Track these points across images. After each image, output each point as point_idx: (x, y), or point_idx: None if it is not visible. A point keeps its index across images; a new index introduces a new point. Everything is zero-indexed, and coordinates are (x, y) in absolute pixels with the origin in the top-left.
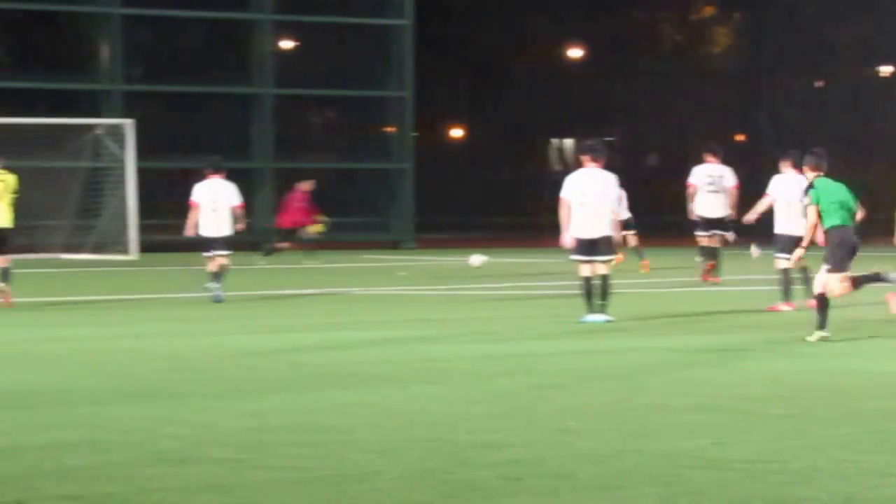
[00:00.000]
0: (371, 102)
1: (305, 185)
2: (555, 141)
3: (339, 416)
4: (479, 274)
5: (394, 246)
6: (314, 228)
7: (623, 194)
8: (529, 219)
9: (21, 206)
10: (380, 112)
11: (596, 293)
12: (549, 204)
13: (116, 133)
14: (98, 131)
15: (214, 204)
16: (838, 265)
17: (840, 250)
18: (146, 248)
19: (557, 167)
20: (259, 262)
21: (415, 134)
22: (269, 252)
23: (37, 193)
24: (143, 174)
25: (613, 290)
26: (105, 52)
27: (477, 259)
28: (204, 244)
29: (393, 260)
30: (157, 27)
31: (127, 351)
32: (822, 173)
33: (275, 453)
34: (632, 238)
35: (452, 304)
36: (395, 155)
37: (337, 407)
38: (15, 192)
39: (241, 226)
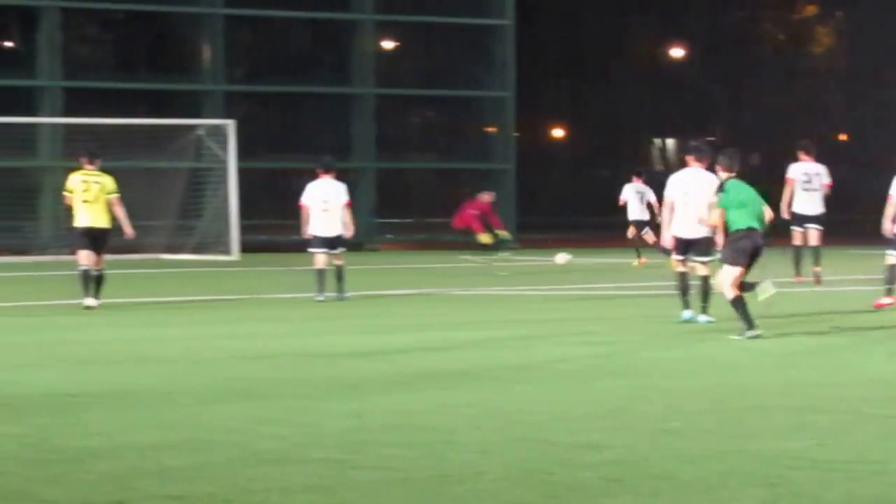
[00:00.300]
0: (472, 102)
1: (487, 197)
2: (657, 140)
3: (439, 417)
4: (580, 274)
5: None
6: (484, 238)
7: (649, 193)
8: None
9: (124, 207)
10: (481, 112)
11: (691, 292)
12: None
13: (218, 133)
14: (200, 132)
15: (325, 204)
16: (734, 263)
17: (739, 252)
18: (247, 248)
19: (659, 166)
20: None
21: (516, 134)
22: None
23: (139, 194)
24: (244, 174)
25: (714, 291)
26: (207, 52)
27: (562, 257)
28: (313, 242)
29: (494, 260)
30: (259, 27)
31: (228, 351)
32: (734, 174)
33: (376, 453)
34: (649, 236)
35: (553, 304)
36: (496, 155)
37: (438, 407)
38: (110, 193)
39: (348, 232)
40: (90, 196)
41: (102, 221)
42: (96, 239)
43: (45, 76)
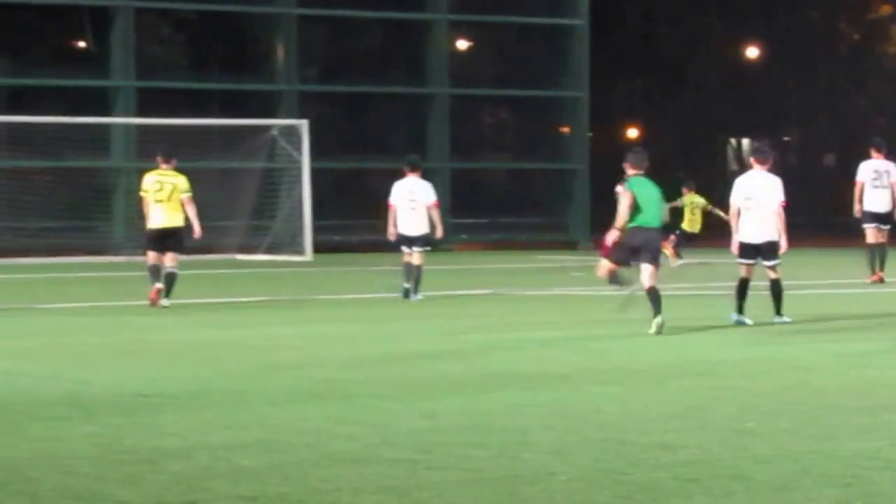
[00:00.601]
0: (546, 102)
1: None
2: (732, 140)
3: (512, 417)
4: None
5: (570, 246)
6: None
7: None
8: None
9: (197, 207)
10: (555, 112)
11: (748, 296)
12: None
13: (291, 133)
14: (273, 132)
15: (413, 203)
16: (614, 257)
17: (623, 248)
18: (320, 248)
19: (734, 167)
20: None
21: (590, 134)
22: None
23: (213, 194)
24: (317, 175)
25: (786, 291)
26: (280, 52)
27: None
28: (402, 242)
29: (568, 260)
30: (333, 27)
31: (301, 351)
32: (641, 172)
33: (448, 454)
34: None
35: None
36: (570, 155)
37: (510, 407)
38: (184, 192)
39: (439, 232)
40: (163, 196)
41: (175, 220)
42: (168, 237)
43: (118, 76)
